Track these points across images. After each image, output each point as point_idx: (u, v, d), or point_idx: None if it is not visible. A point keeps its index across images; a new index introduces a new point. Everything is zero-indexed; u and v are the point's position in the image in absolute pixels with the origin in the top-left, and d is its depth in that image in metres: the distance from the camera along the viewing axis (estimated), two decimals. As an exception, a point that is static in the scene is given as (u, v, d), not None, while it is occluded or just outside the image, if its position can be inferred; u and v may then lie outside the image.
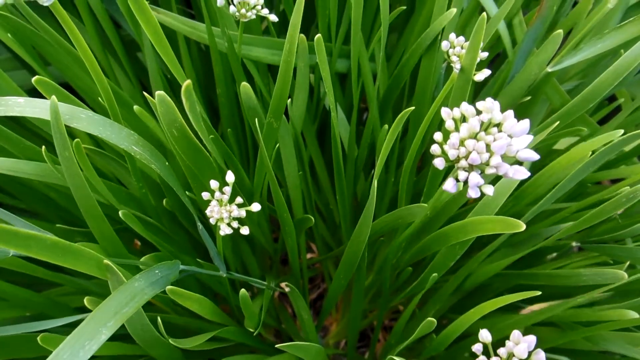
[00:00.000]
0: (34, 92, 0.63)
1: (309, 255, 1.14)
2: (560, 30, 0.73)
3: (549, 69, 0.77)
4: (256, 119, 0.63)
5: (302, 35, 0.74)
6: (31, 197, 0.79)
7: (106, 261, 0.51)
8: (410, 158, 0.70)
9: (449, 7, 0.75)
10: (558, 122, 0.70)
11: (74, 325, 0.60)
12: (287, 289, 0.79)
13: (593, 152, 0.67)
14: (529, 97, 0.79)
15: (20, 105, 0.53)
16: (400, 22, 1.01)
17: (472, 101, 0.89)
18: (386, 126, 0.77)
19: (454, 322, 0.69)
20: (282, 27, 0.96)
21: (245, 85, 0.70)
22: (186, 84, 0.52)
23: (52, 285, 0.79)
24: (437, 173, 0.72)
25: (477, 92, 0.88)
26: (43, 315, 0.70)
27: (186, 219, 0.78)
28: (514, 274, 0.81)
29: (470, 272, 0.80)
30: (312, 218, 0.76)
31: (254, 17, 0.67)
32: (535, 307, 0.81)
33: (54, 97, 0.50)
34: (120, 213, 0.62)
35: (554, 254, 0.89)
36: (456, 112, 0.47)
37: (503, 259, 0.82)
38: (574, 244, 0.82)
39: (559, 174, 0.71)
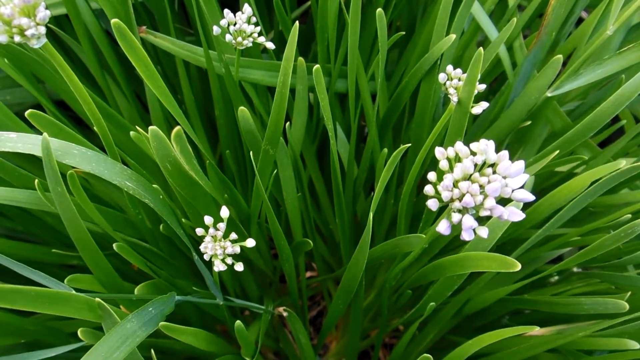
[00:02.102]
0: (36, 108, 0.62)
1: (309, 274, 1.13)
2: (560, 56, 0.73)
3: (548, 94, 0.76)
4: (251, 153, 0.63)
5: (300, 58, 0.73)
6: (28, 221, 0.79)
7: (98, 299, 0.50)
8: (408, 184, 0.69)
9: (448, 30, 0.74)
10: (558, 151, 0.69)
11: (70, 352, 0.60)
12: (285, 314, 0.78)
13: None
14: (529, 122, 0.78)
15: (12, 141, 0.52)
16: (402, 40, 1.00)
17: (472, 123, 0.89)
18: (385, 150, 0.76)
19: (451, 353, 0.68)
20: (281, 48, 0.96)
21: (242, 110, 0.69)
22: (176, 130, 0.51)
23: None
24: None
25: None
26: (38, 342, 0.70)
27: (184, 244, 0.78)
28: (514, 300, 0.80)
29: (470, 297, 0.79)
30: (310, 242, 0.75)
31: (250, 45, 0.66)
32: (537, 332, 0.80)
33: (45, 134, 0.50)
34: (114, 246, 0.61)
35: (556, 277, 0.88)
36: (450, 151, 0.47)
37: (503, 282, 0.81)
38: (575, 269, 0.81)
39: (560, 201, 0.71)
